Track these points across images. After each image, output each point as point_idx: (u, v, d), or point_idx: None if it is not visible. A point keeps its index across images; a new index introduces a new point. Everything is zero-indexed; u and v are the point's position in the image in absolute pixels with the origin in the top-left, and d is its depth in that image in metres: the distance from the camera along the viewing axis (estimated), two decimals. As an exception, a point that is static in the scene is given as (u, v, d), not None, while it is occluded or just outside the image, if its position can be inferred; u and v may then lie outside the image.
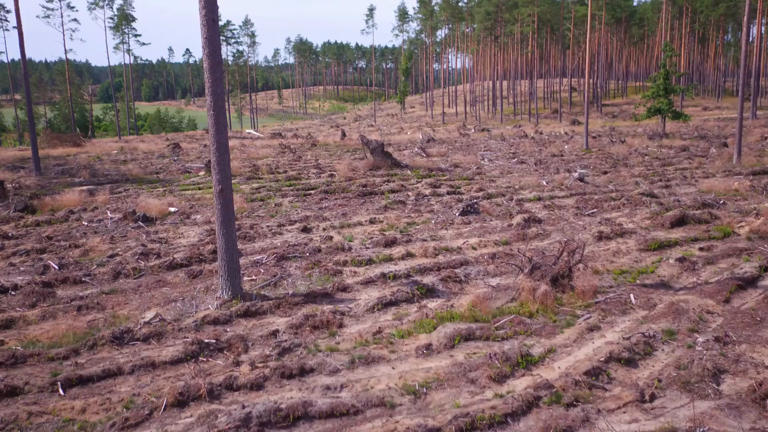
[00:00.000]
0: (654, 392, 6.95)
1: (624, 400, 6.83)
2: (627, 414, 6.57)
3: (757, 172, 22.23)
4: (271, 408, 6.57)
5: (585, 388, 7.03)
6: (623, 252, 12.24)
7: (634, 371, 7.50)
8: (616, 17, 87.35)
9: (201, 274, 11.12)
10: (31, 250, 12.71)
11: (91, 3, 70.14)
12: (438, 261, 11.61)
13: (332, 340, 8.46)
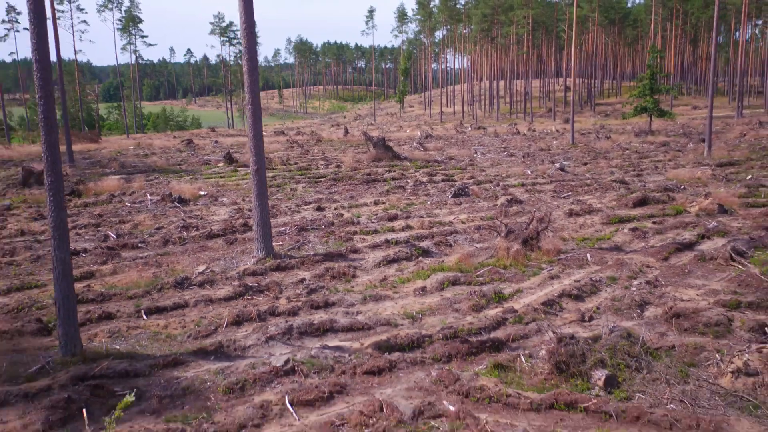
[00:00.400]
0: (592, 315, 9.25)
1: (569, 320, 9.14)
2: (569, 328, 8.86)
3: (724, 163, 24.55)
4: (306, 323, 8.87)
5: (541, 313, 9.34)
6: (588, 225, 14.56)
7: (580, 303, 9.80)
8: (609, 18, 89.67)
9: (236, 241, 13.41)
10: (87, 225, 15.00)
11: (101, 5, 72.46)
12: (432, 231, 13.92)
13: (348, 284, 10.75)
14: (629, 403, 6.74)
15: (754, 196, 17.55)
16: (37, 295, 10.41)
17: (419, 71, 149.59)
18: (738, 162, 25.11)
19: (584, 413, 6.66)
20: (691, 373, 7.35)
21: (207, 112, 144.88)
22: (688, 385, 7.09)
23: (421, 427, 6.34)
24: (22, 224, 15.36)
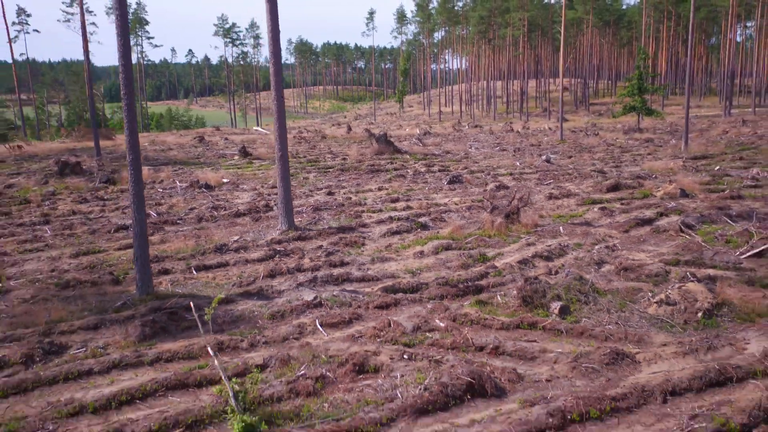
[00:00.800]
0: (558, 270, 11.43)
1: (538, 273, 11.31)
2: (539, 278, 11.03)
3: (698, 157, 26.74)
4: (327, 275, 11.06)
5: (516, 269, 11.52)
6: (564, 206, 16.75)
7: (550, 262, 11.98)
8: (604, 20, 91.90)
9: (261, 219, 15.60)
10: (128, 206, 17.18)
11: (109, 8, 74.52)
12: (429, 210, 16.11)
13: (358, 250, 12.94)
14: (577, 324, 8.94)
15: (716, 183, 19.76)
16: (101, 257, 12.60)
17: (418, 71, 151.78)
18: (712, 155, 27.31)
19: (542, 330, 8.85)
20: (627, 306, 9.56)
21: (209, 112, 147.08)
22: (624, 313, 9.29)
23: (419, 337, 8.53)
24: (70, 206, 17.54)
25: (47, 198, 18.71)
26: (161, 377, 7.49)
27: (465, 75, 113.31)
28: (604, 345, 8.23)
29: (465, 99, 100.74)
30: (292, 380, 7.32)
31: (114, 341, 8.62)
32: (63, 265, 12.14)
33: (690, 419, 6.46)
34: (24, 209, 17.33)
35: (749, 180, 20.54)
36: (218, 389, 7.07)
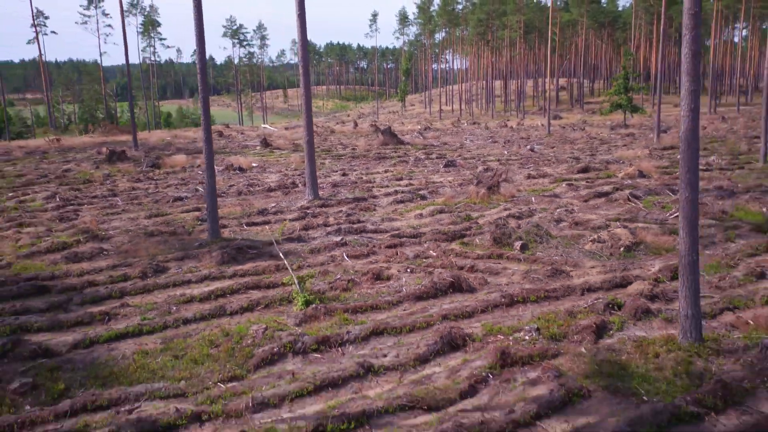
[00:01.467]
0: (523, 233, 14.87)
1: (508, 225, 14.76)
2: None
3: (666, 147, 30.17)
4: (349, 228, 14.54)
5: (493, 225, 14.97)
6: (540, 184, 20.21)
7: (519, 220, 15.42)
8: (599, 22, 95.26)
9: (290, 192, 19.10)
10: (178, 184, 20.68)
11: (126, 11, 78.08)
12: (427, 186, 19.59)
13: (371, 213, 16.41)
14: (532, 256, 12.40)
15: (672, 167, 23.18)
16: (169, 218, 16.09)
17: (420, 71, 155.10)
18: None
19: (506, 259, 12.32)
20: (571, 245, 13.03)
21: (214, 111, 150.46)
22: (567, 249, 12.77)
23: (418, 261, 12.01)
24: (128, 184, 21.06)
25: (106, 179, 22.22)
26: (241, 282, 11.00)
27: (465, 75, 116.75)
28: (549, 267, 11.69)
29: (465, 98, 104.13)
30: (332, 282, 10.83)
31: (200, 265, 12.11)
32: (141, 223, 15.64)
33: (594, 300, 9.93)
34: (89, 187, 20.85)
35: (703, 165, 23.96)
36: (287, 279, 10.59)
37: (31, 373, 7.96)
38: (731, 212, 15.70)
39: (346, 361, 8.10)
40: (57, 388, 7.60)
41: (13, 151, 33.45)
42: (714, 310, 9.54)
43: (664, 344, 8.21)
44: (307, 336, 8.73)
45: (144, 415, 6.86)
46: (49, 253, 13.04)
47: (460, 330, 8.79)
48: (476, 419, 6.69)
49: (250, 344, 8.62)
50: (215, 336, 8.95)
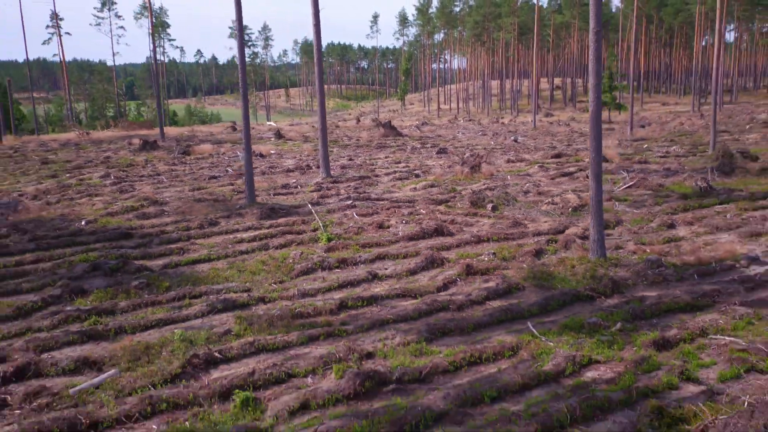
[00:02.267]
0: (495, 198, 18.48)
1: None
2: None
3: (638, 139, 33.75)
4: (356, 196, 18.15)
5: (475, 195, 18.56)
6: (516, 166, 23.80)
7: (493, 191, 19.01)
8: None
9: (306, 173, 22.69)
10: (209, 166, 24.25)
11: (137, 13, 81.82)
12: (421, 167, 23.18)
13: (374, 187, 20.00)
14: (499, 214, 15.99)
15: (635, 154, 26.75)
16: (209, 190, 19.66)
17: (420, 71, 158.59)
18: (650, 139, 34.32)
19: (479, 216, 15.92)
20: (532, 207, 16.63)
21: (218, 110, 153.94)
22: (528, 210, 16.36)
23: (411, 216, 15.60)
24: (166, 167, 24.64)
25: (147, 163, 25.82)
26: (277, 230, 14.59)
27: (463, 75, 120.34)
28: (511, 221, 15.27)
29: (462, 97, 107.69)
30: (346, 229, 14.44)
31: (244, 220, 15.71)
32: (187, 194, 19.23)
33: (539, 239, 13.51)
34: (133, 169, 24.45)
35: (664, 153, 27.56)
36: (314, 225, 14.22)
37: (142, 278, 11.55)
38: (668, 186, 19.30)
39: (359, 272, 11.70)
40: (163, 285, 11.20)
41: (49, 143, 37.03)
42: (624, 244, 13.16)
43: (579, 260, 11.83)
44: (330, 258, 12.34)
45: (227, 298, 10.46)
46: (122, 214, 16.64)
47: (440, 255, 12.40)
48: (446, 299, 10.29)
49: (291, 263, 12.23)
50: (265, 259, 12.57)
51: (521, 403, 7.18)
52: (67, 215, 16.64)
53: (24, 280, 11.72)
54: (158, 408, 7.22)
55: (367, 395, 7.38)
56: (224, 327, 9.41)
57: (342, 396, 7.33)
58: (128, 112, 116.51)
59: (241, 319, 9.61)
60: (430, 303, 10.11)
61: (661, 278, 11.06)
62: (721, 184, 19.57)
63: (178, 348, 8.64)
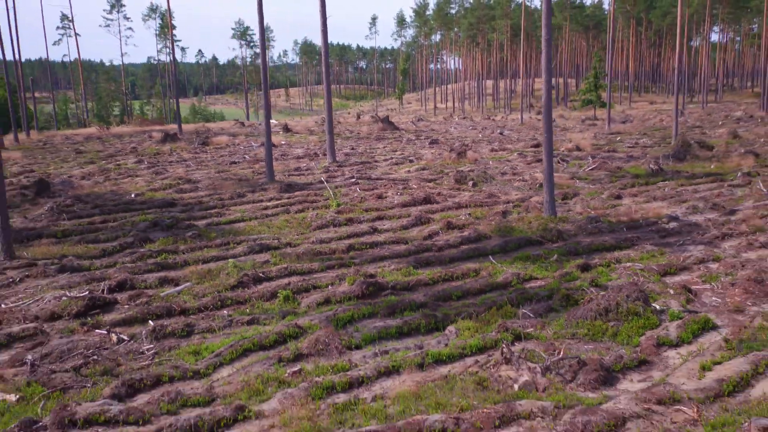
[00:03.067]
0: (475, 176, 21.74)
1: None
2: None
3: (612, 133, 37.00)
4: (360, 175, 21.40)
5: (458, 174, 21.80)
6: (499, 154, 27.07)
7: (474, 172, 22.26)
8: (584, 25, 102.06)
9: (314, 159, 25.94)
10: (230, 154, 27.49)
11: (145, 15, 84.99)
12: (415, 155, 26.43)
13: (374, 170, 23.24)
14: (479, 189, 19.24)
15: (606, 145, 30.00)
16: (233, 172, 22.88)
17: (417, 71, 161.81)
18: (625, 132, 37.56)
19: (461, 190, 19.17)
20: (506, 183, 19.89)
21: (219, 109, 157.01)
22: (502, 186, 19.61)
23: (405, 190, 18.85)
24: (189, 155, 27.85)
25: (172, 151, 29.03)
26: (295, 200, 17.82)
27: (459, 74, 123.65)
28: (488, 193, 18.50)
29: (458, 96, 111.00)
30: (351, 198, 17.69)
31: (266, 193, 18.92)
32: (214, 175, 22.44)
33: (507, 205, 16.75)
34: (161, 156, 27.64)
35: (632, 144, 30.80)
36: (326, 194, 17.48)
37: (194, 231, 14.76)
38: (625, 168, 22.56)
39: (363, 227, 14.92)
40: (211, 236, 14.43)
41: (72, 137, 40.20)
42: (574, 208, 16.42)
43: (535, 218, 15.09)
44: (340, 218, 15.58)
45: (262, 243, 13.67)
46: (163, 189, 19.85)
47: (427, 216, 15.64)
48: (430, 244, 13.53)
49: (308, 221, 15.48)
50: (287, 219, 15.82)
51: (478, 299, 10.41)
52: (116, 191, 19.86)
53: (99, 234, 14.93)
54: (225, 303, 10.44)
55: (370, 295, 10.58)
56: (263, 259, 12.65)
57: (353, 296, 10.54)
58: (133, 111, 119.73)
59: (275, 254, 12.86)
60: (418, 246, 13.36)
61: (597, 230, 14.30)
62: (672, 167, 22.82)
63: (232, 271, 11.87)
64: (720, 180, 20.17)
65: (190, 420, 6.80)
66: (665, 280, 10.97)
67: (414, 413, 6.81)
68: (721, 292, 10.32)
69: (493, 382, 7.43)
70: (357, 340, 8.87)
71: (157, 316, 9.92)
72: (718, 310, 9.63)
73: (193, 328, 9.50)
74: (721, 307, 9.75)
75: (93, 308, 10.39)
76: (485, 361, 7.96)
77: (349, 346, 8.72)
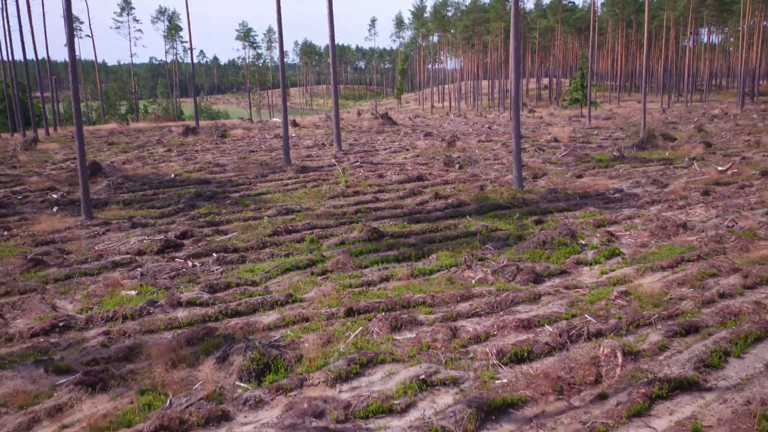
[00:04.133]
0: (461, 160, 25.33)
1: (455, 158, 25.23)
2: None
3: (592, 127, 40.60)
4: (363, 161, 24.99)
5: (447, 159, 25.39)
6: (485, 145, 30.66)
7: (461, 158, 25.84)
8: (576, 27, 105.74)
9: (322, 149, 29.51)
10: (249, 143, 31.06)
11: (154, 17, 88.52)
12: (411, 145, 30.02)
13: (375, 156, 26.82)
14: (463, 170, 22.83)
15: (582, 137, 33.59)
16: (252, 158, 26.44)
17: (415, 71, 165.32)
18: (603, 127, 41.15)
19: (448, 171, 22.76)
20: (487, 166, 23.48)
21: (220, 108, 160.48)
22: (484, 168, 23.21)
23: (402, 172, 22.43)
24: (211, 145, 31.40)
25: (196, 142, 32.57)
26: (309, 179, 21.39)
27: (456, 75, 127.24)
28: (471, 174, 22.07)
29: (455, 96, 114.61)
30: (357, 177, 21.28)
31: (285, 174, 22.48)
32: (238, 160, 25.98)
33: (485, 181, 20.35)
34: (186, 146, 31.17)
35: (606, 137, 34.39)
36: (336, 172, 21.09)
37: (231, 200, 18.32)
38: (592, 155, 26.15)
39: (367, 197, 18.50)
40: (245, 203, 18.01)
41: (96, 132, 43.69)
42: (540, 184, 20.01)
43: (506, 189, 18.70)
44: (348, 191, 19.16)
45: (287, 207, 17.24)
46: (196, 171, 23.40)
47: (419, 189, 19.21)
48: (421, 209, 17.11)
49: (323, 193, 19.07)
50: (306, 191, 19.40)
51: (455, 241, 13.98)
52: (156, 173, 23.42)
53: (154, 202, 18.48)
54: (266, 244, 13.99)
55: (374, 239, 14.14)
56: (290, 218, 16.23)
57: (361, 239, 14.08)
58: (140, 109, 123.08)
59: (299, 214, 16.44)
60: (411, 209, 16.94)
61: (555, 198, 17.89)
62: (633, 154, 26.42)
63: (267, 225, 15.44)
64: (669, 163, 23.77)
65: (257, 301, 10.36)
66: (597, 229, 14.55)
67: (404, 294, 10.40)
68: (635, 236, 13.92)
69: (459, 279, 11.02)
70: (365, 263, 12.45)
71: (217, 251, 13.48)
72: (628, 245, 13.22)
73: (246, 259, 13.07)
74: (631, 244, 13.34)
75: (167, 248, 13.95)
76: (455, 270, 11.54)
77: (360, 266, 12.29)
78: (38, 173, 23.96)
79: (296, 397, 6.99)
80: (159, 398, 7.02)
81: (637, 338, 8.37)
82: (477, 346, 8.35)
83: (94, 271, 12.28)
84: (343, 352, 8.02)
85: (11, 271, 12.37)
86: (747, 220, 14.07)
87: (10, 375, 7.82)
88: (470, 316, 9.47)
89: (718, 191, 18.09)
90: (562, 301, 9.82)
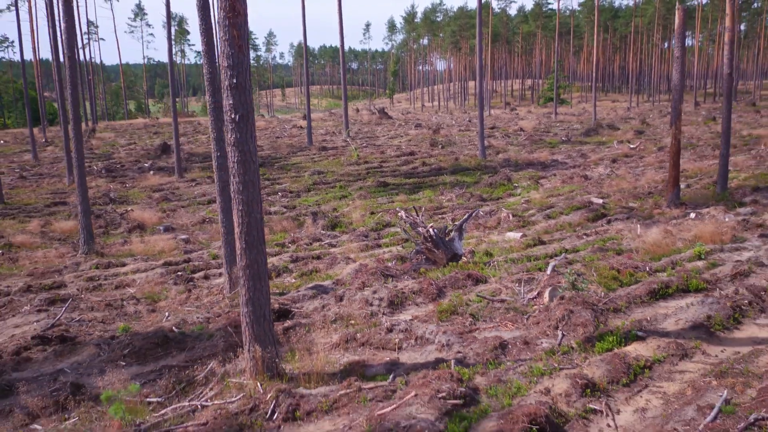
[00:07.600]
0: (443, 142, 32.64)
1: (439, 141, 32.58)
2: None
3: (557, 121, 48.04)
4: (367, 143, 32.25)
5: (432, 140, 32.69)
6: (464, 133, 37.98)
7: (453, 147, 33.16)
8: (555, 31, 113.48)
9: (333, 135, 36.72)
10: (270, 133, 38.23)
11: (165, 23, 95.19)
12: (404, 133, 37.30)
13: (376, 141, 34.06)
14: (444, 149, 30.16)
15: (546, 128, 40.99)
16: (280, 142, 33.60)
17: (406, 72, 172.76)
18: (566, 121, 48.62)
19: (434, 150, 30.07)
20: (463, 146, 30.85)
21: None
22: (461, 148, 30.57)
23: (399, 150, 29.71)
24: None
25: (226, 132, 39.66)
26: (329, 155, 28.63)
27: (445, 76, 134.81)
28: (451, 152, 29.36)
29: (444, 96, 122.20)
30: (365, 153, 28.57)
31: (309, 152, 29.68)
32: (269, 143, 33.10)
33: (461, 155, 27.71)
34: (220, 135, 38.27)
35: (566, 128, 41.82)
36: (350, 149, 28.42)
37: (276, 166, 25.52)
38: (546, 139, 33.52)
39: (374, 165, 25.76)
40: (287, 168, 25.24)
41: (127, 126, 50.66)
42: (500, 157, 27.40)
43: (473, 159, 26.08)
44: (360, 160, 26.42)
45: (318, 170, 24.48)
46: (240, 150, 30.55)
47: (411, 160, 26.51)
48: (412, 171, 24.43)
49: (341, 162, 26.33)
50: (328, 162, 26.66)
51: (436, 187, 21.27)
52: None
53: (219, 169, 25.67)
54: (310, 189, 21.23)
55: (382, 188, 21.39)
56: (321, 177, 23.46)
57: (372, 188, 21.33)
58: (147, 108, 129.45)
59: (328, 174, 23.70)
60: (405, 171, 24.23)
61: (507, 165, 25.22)
62: (578, 139, 33.82)
63: (308, 179, 22.68)
64: (601, 145, 31.17)
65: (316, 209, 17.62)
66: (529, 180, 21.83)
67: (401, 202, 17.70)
68: (552, 182, 21.25)
69: (435, 199, 18.32)
70: (377, 197, 19.71)
71: (280, 192, 20.67)
72: (546, 187, 20.54)
73: (299, 195, 20.30)
74: (548, 186, 20.66)
75: (245, 191, 21.16)
76: (433, 198, 18.83)
77: (375, 197, 19.56)
78: (115, 153, 31.03)
79: (353, 234, 14.25)
80: (286, 235, 14.28)
81: (524, 212, 15.70)
82: (445, 216, 15.65)
83: (201, 203, 19.47)
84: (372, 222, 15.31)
85: (154, 200, 19.55)
86: (621, 170, 21.48)
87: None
88: (442, 213, 16.76)
89: (623, 160, 25.50)
90: (494, 207, 17.14)
